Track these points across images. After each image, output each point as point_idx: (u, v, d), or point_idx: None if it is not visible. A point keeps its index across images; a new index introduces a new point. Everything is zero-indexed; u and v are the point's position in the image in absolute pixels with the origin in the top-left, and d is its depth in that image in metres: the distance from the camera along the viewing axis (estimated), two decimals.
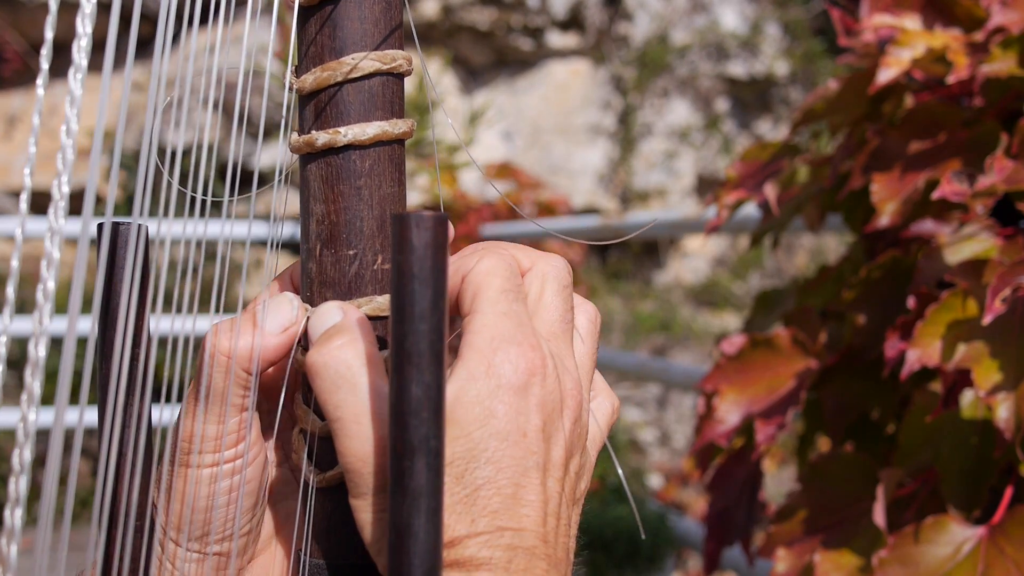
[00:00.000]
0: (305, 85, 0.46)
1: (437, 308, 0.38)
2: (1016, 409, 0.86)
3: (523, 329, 0.44)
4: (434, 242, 0.38)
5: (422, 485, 0.38)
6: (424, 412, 0.38)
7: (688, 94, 6.42)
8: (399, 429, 0.38)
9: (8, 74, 5.16)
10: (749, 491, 1.24)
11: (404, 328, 0.38)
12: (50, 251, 0.36)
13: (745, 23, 6.40)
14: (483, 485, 0.41)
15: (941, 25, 1.16)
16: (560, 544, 0.43)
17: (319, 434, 0.46)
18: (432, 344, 0.38)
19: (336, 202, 0.45)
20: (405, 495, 0.38)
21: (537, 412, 0.43)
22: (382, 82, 0.46)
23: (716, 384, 1.15)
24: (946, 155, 1.08)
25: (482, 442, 0.42)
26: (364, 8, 0.45)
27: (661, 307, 6.01)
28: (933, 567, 0.89)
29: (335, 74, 0.45)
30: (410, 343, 0.38)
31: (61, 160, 0.37)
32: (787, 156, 1.33)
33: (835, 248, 5.79)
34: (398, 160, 0.47)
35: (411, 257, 0.38)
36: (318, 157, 0.46)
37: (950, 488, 0.96)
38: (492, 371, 0.42)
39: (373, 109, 0.45)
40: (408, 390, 0.38)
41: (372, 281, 0.46)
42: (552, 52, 6.23)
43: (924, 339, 0.94)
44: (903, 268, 1.10)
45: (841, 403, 1.15)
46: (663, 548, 2.61)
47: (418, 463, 0.38)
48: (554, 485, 0.43)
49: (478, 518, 0.41)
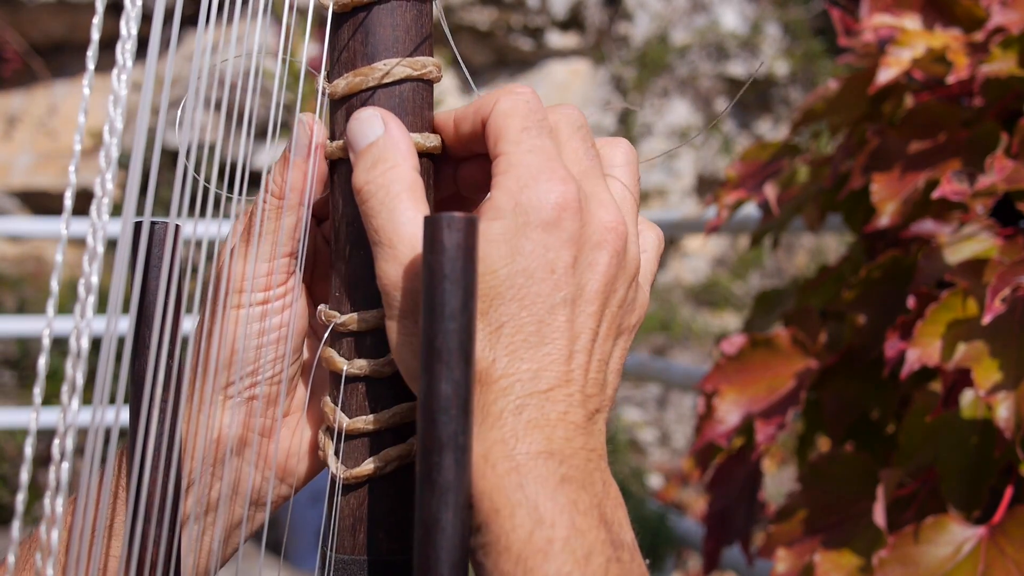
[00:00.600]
0: (337, 90, 0.47)
1: (467, 308, 0.39)
2: (1016, 408, 0.86)
3: (551, 163, 0.43)
4: (464, 243, 0.39)
5: (450, 481, 0.38)
6: (453, 409, 0.39)
7: (688, 94, 6.42)
8: (428, 425, 0.39)
9: (8, 74, 5.16)
10: (749, 491, 1.24)
11: (435, 327, 0.39)
12: (92, 246, 0.37)
13: (745, 23, 6.40)
14: (507, 323, 0.42)
15: (941, 25, 1.16)
16: (592, 380, 0.43)
17: (346, 431, 0.47)
18: (461, 343, 0.39)
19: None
20: (433, 490, 0.38)
21: (568, 247, 0.42)
22: (412, 88, 0.47)
23: (716, 384, 1.15)
24: (946, 155, 1.08)
25: (508, 279, 0.42)
26: (396, 15, 0.46)
27: (661, 307, 6.00)
28: (933, 567, 0.89)
29: (367, 79, 0.46)
30: (440, 341, 0.39)
31: (104, 158, 0.38)
32: (787, 156, 1.33)
33: (835, 248, 5.79)
34: (426, 169, 0.48)
35: (442, 258, 0.39)
36: (350, 161, 0.47)
37: (950, 488, 0.96)
38: (520, 208, 0.42)
39: (404, 114, 0.46)
40: (438, 388, 0.39)
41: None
42: (552, 52, 6.23)
43: (924, 339, 0.94)
44: (903, 268, 1.10)
45: (841, 403, 1.15)
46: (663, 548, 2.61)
47: (446, 459, 0.38)
48: (586, 320, 0.43)
49: (500, 356, 0.41)
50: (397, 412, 0.47)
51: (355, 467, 0.47)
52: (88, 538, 0.40)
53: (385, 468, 0.47)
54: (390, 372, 0.47)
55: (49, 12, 5.06)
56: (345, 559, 0.47)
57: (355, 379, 0.47)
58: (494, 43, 6.09)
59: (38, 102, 5.26)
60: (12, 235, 3.41)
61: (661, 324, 5.82)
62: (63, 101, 5.21)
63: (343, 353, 0.47)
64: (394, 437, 0.47)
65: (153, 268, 0.44)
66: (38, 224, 3.07)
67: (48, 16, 5.08)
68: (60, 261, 0.40)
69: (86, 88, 0.40)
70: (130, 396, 0.44)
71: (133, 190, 0.39)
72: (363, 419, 0.47)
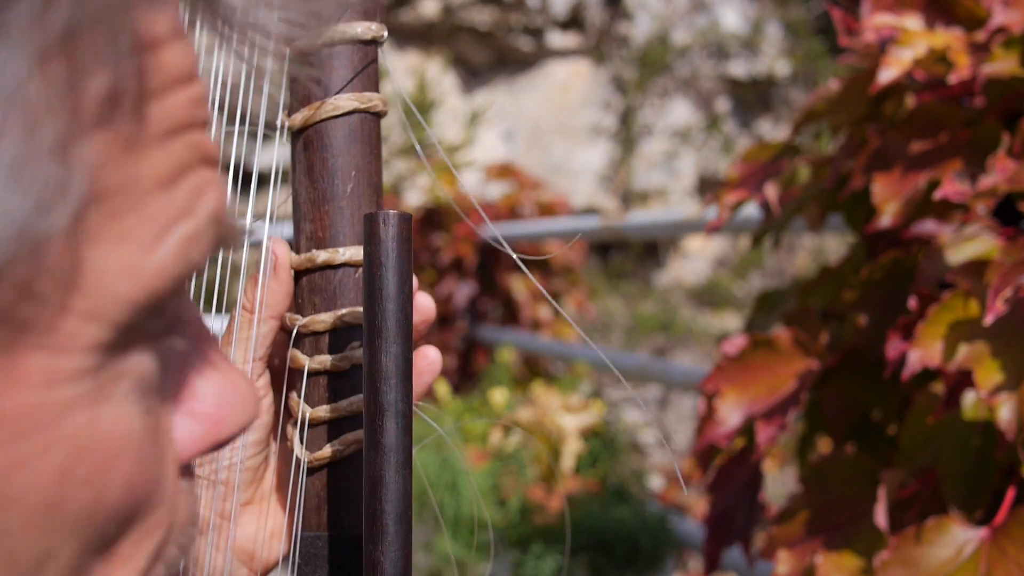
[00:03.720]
0: (295, 123, 0.53)
1: (402, 291, 0.45)
2: (1018, 410, 0.86)
3: None
4: (399, 235, 0.44)
5: (392, 442, 0.44)
6: (393, 378, 0.44)
7: (689, 94, 6.41)
8: (372, 394, 0.44)
9: None
10: (750, 492, 1.23)
11: (374, 308, 0.45)
12: None
13: (746, 23, 6.39)
14: None
15: (942, 25, 1.16)
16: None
17: (309, 420, 0.52)
18: (399, 321, 0.44)
19: (322, 220, 0.53)
20: (378, 451, 0.44)
21: None
22: (360, 119, 0.53)
23: (717, 385, 1.15)
24: (947, 155, 1.08)
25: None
26: (344, 58, 0.52)
27: (662, 308, 6.00)
28: (935, 568, 0.89)
29: (319, 112, 0.52)
30: (379, 320, 0.44)
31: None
32: (788, 156, 1.32)
33: (836, 248, 5.78)
34: (376, 184, 0.54)
35: (379, 248, 0.44)
36: (306, 180, 0.53)
37: (952, 489, 0.96)
38: None
39: (354, 142, 0.53)
40: (379, 360, 0.44)
41: (354, 287, 0.53)
42: (552, 52, 6.23)
43: (925, 340, 0.94)
44: (904, 268, 1.10)
45: (842, 404, 1.15)
46: (664, 549, 2.61)
47: (388, 423, 0.44)
48: None
49: None
50: (354, 401, 0.52)
51: (318, 451, 0.52)
52: None
53: (345, 451, 0.52)
54: (347, 367, 0.52)
55: None
56: (311, 536, 0.52)
57: (316, 373, 0.53)
58: (494, 43, 6.09)
59: None
60: None
61: (661, 325, 5.82)
62: None
63: (305, 351, 0.53)
64: (351, 424, 0.52)
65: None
66: None
67: None
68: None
69: None
70: None
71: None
72: (324, 408, 0.52)
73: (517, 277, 4.09)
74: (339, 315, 0.52)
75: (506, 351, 3.75)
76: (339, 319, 0.52)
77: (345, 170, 0.52)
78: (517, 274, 4.08)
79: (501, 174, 4.48)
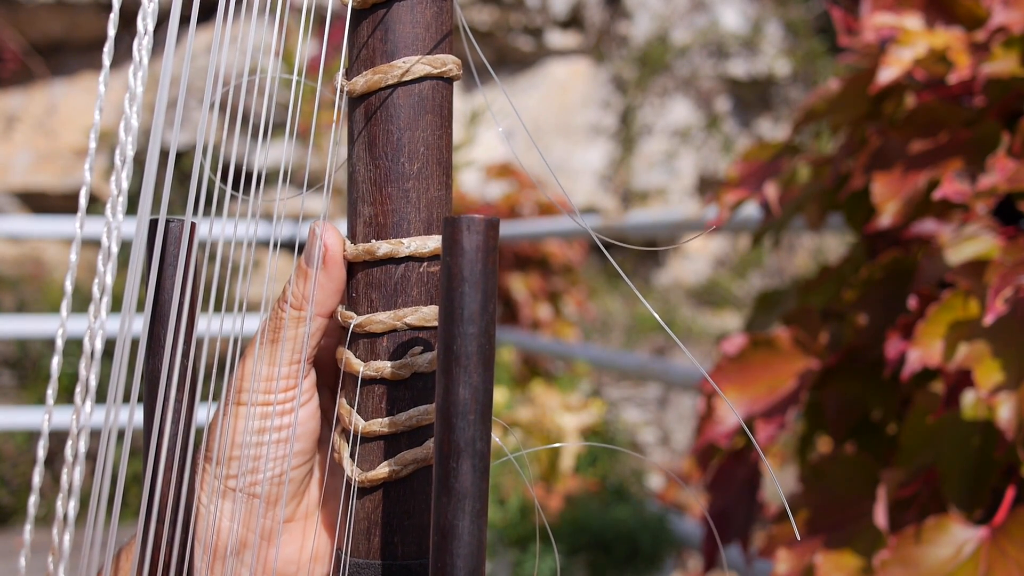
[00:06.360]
0: (356, 87, 0.46)
1: (486, 311, 0.38)
2: (1018, 409, 0.86)
3: None
4: (484, 245, 0.38)
5: (467, 487, 0.38)
6: (471, 415, 0.38)
7: (689, 94, 6.41)
8: (446, 430, 0.38)
9: (7, 74, 5.16)
10: (749, 492, 1.23)
11: (453, 331, 0.38)
12: (107, 246, 0.37)
13: (746, 23, 6.39)
14: None
15: (942, 24, 1.16)
16: None
17: (361, 434, 0.46)
18: (481, 347, 0.38)
19: (384, 204, 0.46)
20: (450, 496, 0.38)
21: None
22: (432, 86, 0.46)
23: (716, 384, 1.15)
24: (947, 155, 1.08)
25: None
26: (416, 12, 0.45)
27: (661, 307, 6.00)
28: (935, 568, 0.89)
29: (386, 77, 0.45)
30: (458, 345, 0.38)
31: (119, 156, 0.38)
32: (788, 156, 1.32)
33: (836, 248, 5.78)
34: (446, 164, 0.47)
35: (461, 260, 0.38)
36: (366, 155, 0.46)
37: (951, 489, 0.96)
38: None
39: (423, 112, 0.46)
40: (455, 392, 0.38)
41: (418, 283, 0.46)
42: (552, 52, 6.23)
43: (925, 339, 0.94)
44: (904, 268, 1.10)
45: (842, 403, 1.15)
46: (663, 548, 2.61)
47: (463, 465, 0.38)
48: None
49: None
50: (414, 415, 0.46)
51: (370, 470, 0.46)
52: None
53: (401, 472, 0.46)
54: (407, 375, 0.46)
55: (48, 12, 5.06)
56: (360, 563, 0.46)
57: (372, 381, 0.46)
58: (494, 43, 6.09)
59: (36, 102, 5.26)
60: (11, 235, 3.41)
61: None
62: (62, 101, 5.21)
63: (359, 355, 0.47)
64: (410, 440, 0.46)
65: (168, 267, 0.43)
66: (38, 224, 3.07)
67: (47, 16, 5.07)
68: (75, 260, 0.40)
69: (101, 85, 0.40)
70: (144, 395, 0.43)
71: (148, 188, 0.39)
72: (379, 422, 0.46)
73: (517, 276, 4.09)
74: (400, 315, 0.46)
75: (505, 350, 3.75)
76: (400, 320, 0.46)
77: (412, 146, 0.46)
78: (517, 273, 4.08)
79: (501, 174, 4.48)
